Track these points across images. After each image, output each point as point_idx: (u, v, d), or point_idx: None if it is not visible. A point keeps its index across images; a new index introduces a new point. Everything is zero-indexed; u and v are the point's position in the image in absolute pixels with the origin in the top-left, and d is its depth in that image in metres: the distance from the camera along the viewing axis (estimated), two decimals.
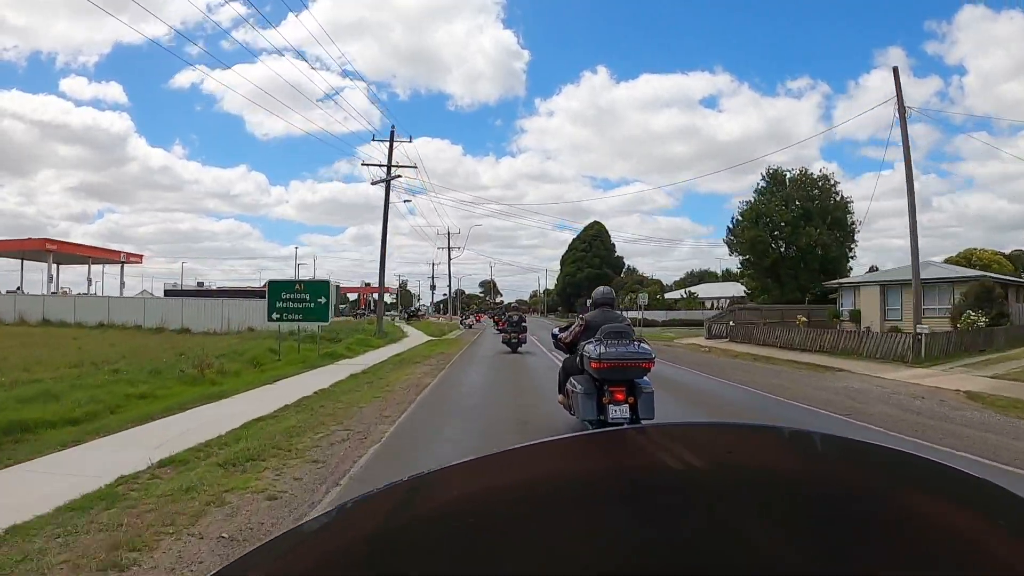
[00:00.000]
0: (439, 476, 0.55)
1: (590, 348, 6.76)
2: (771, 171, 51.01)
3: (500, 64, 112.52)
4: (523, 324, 22.73)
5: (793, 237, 47.05)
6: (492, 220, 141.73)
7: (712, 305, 64.85)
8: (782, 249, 47.15)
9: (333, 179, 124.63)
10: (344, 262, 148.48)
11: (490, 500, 0.54)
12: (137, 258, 66.94)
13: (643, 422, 6.05)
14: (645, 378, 6.76)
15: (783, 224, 47.00)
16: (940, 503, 0.52)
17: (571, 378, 7.18)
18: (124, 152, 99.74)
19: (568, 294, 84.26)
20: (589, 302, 7.78)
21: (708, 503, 0.53)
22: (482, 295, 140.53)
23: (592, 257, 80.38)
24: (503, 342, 22.86)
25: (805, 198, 48.69)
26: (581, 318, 7.52)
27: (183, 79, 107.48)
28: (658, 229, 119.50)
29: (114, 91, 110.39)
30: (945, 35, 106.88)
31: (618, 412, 6.48)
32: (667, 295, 69.13)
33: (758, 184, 50.95)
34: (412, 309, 76.81)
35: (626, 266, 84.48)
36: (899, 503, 0.52)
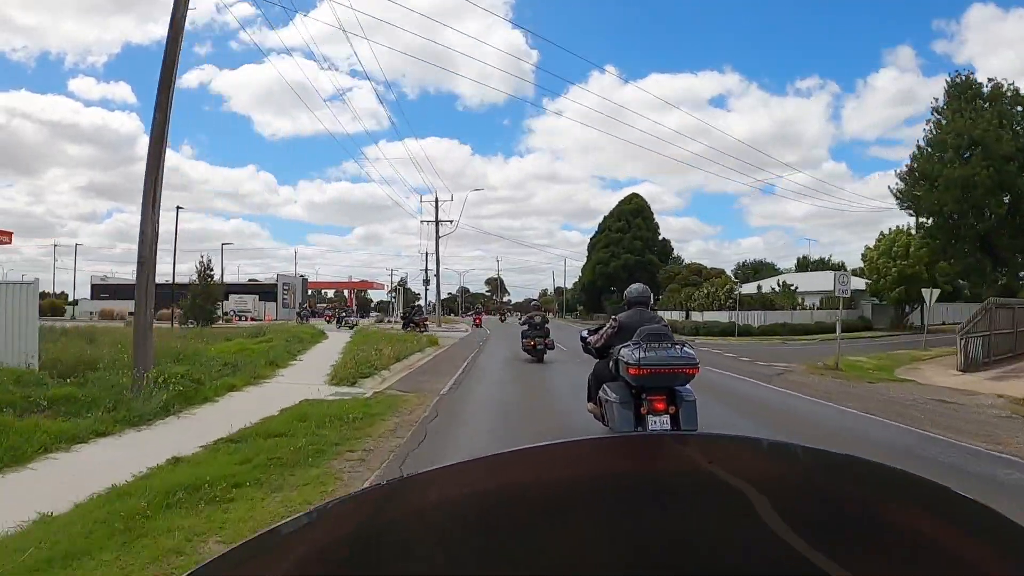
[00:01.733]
0: (420, 479, 0.55)
1: (627, 352, 5.96)
2: (956, 79, 30.78)
3: (509, 64, 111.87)
4: (546, 327, 17.53)
5: (1021, 181, 26.76)
6: (500, 220, 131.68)
7: (820, 303, 44.32)
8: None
9: (341, 179, 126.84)
10: (351, 262, 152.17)
11: (470, 504, 0.54)
12: (5, 236, 49.33)
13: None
14: (687, 385, 6.05)
15: (1004, 159, 26.57)
16: (915, 513, 0.53)
17: (604, 385, 6.39)
18: (133, 152, 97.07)
19: (598, 288, 64.20)
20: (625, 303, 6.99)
21: (683, 510, 0.54)
22: (488, 294, 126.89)
23: (631, 240, 60.07)
24: (524, 348, 17.25)
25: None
26: (614, 319, 6.69)
27: (191, 79, 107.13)
28: (667, 230, 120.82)
29: (123, 91, 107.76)
30: (954, 34, 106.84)
31: (658, 423, 5.85)
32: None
33: (936, 103, 30.78)
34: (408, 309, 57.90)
35: (674, 252, 64.22)
36: (873, 512, 0.53)
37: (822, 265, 59.47)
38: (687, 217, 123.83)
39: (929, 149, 28.20)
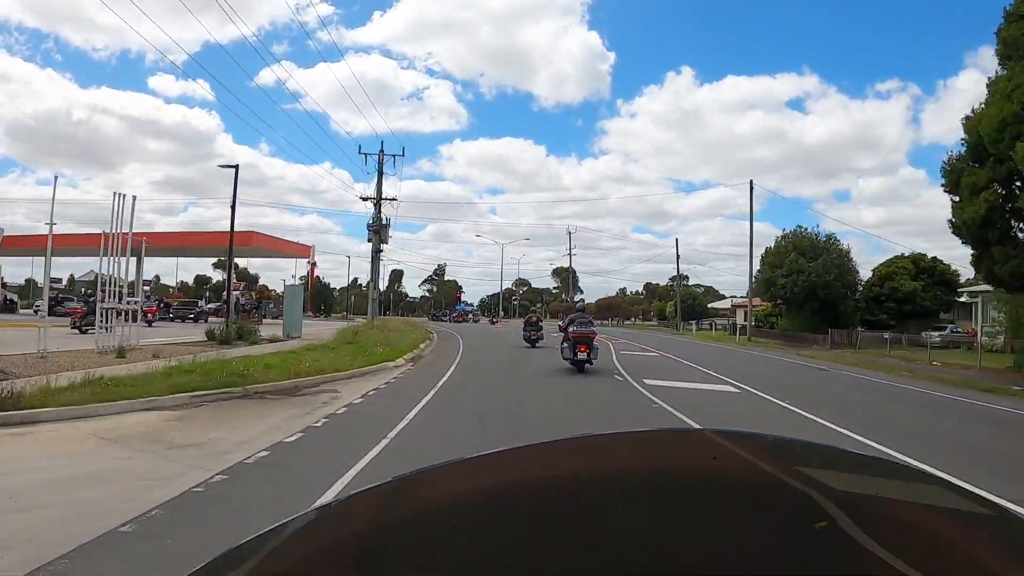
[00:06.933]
0: (424, 477, 0.56)
1: (571, 328, 15.87)
2: None
3: (584, 65, 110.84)
4: (540, 324, 27.41)
5: None
6: (572, 221, 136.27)
7: None
8: None
9: (415, 176, 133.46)
10: (422, 260, 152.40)
11: (475, 501, 0.55)
12: None
13: (588, 366, 15.48)
14: (595, 340, 15.75)
15: None
16: (917, 508, 0.53)
17: (563, 343, 16.20)
18: (211, 148, 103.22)
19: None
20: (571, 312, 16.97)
21: (688, 506, 0.54)
22: (556, 290, 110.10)
23: None
24: (523, 338, 26.02)
25: None
26: (569, 318, 16.62)
27: (268, 77, 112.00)
28: (740, 233, 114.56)
29: (202, 89, 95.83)
30: None
31: (581, 355, 15.32)
32: None
33: None
34: None
35: None
36: (874, 506, 0.53)
37: None
38: (761, 222, 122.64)
39: None
